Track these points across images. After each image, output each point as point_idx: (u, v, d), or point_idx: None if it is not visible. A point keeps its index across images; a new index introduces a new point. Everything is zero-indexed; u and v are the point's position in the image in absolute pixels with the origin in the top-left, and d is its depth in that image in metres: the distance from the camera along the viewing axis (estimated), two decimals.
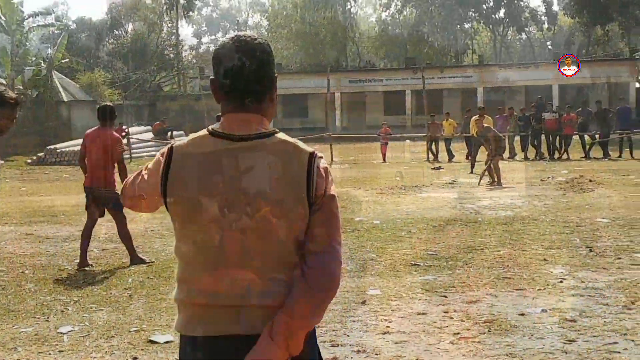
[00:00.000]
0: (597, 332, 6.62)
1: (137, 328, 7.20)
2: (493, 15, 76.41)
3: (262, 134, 2.67)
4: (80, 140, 11.36)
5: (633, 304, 7.52)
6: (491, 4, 75.07)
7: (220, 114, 2.80)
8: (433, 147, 31.37)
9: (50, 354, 6.57)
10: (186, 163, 2.67)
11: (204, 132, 2.74)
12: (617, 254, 10.05)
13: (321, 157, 2.70)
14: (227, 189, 2.61)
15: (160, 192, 2.71)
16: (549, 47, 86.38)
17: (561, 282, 8.60)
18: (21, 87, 42.57)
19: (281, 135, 2.71)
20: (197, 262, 2.68)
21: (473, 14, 76.40)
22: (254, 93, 2.71)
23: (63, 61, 49.11)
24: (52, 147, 35.11)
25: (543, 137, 30.35)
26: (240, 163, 2.62)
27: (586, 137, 30.05)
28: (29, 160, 34.53)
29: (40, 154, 34.87)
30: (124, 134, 36.96)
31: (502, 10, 75.60)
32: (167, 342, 6.66)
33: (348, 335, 6.77)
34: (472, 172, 23.84)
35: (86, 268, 10.30)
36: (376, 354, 6.23)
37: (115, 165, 10.50)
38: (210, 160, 2.64)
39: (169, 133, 40.79)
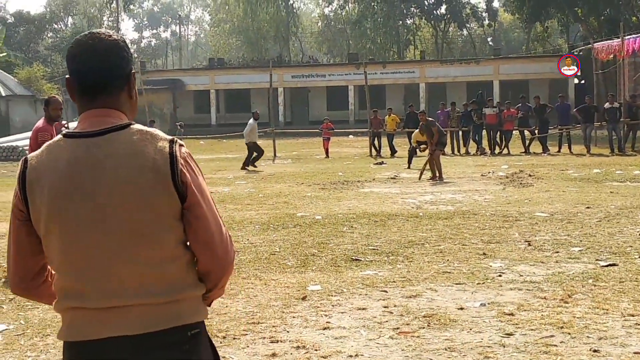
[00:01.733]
0: (534, 326, 6.69)
1: None
2: (434, 11, 76.94)
3: (117, 127, 2.58)
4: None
5: (570, 297, 7.61)
6: (432, 0, 75.64)
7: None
8: (376, 142, 31.49)
9: None
10: (41, 169, 2.56)
11: (58, 136, 2.64)
12: (555, 248, 10.17)
13: (182, 145, 2.62)
14: (88, 188, 2.51)
15: (24, 208, 2.59)
16: (490, 43, 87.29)
17: (500, 276, 8.68)
18: None
19: (138, 126, 2.61)
20: (69, 267, 2.57)
21: (415, 10, 76.83)
22: (106, 89, 2.63)
23: (0, 55, 48.28)
24: None
25: (484, 132, 30.69)
26: (97, 159, 2.53)
27: (526, 132, 30.47)
28: None
29: None
30: (63, 128, 36.55)
31: (444, 7, 76.15)
32: None
33: (288, 331, 6.74)
34: (409, 167, 24.04)
35: None
36: (316, 350, 6.21)
37: None
38: (65, 162, 2.54)
39: None
